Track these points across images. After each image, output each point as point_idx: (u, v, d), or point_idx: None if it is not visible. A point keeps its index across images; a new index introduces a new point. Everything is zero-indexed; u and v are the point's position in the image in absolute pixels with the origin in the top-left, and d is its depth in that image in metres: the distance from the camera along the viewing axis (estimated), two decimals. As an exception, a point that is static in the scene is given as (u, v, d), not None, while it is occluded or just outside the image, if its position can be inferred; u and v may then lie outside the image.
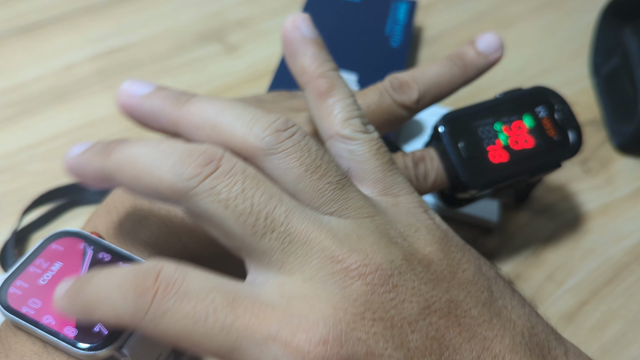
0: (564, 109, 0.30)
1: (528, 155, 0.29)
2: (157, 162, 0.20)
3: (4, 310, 0.23)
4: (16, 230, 0.35)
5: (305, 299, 0.19)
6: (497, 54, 0.31)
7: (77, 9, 0.51)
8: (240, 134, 0.21)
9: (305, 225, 0.20)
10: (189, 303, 0.18)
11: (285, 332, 0.18)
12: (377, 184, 0.23)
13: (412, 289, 0.20)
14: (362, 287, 0.19)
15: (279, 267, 0.19)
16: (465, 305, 0.20)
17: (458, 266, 0.21)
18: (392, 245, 0.20)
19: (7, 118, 0.43)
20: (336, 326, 0.18)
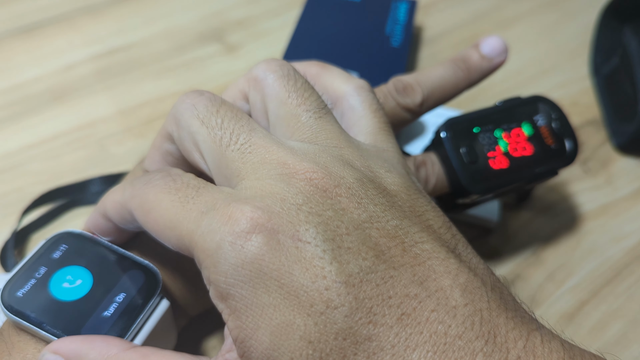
0: (561, 118, 0.31)
1: (527, 162, 0.30)
2: None
3: (7, 311, 0.23)
4: (16, 231, 0.35)
5: (251, 188, 0.20)
6: (501, 58, 0.31)
7: (77, 9, 0.51)
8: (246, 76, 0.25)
9: (266, 141, 0.21)
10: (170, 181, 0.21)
11: (224, 203, 0.19)
12: (370, 136, 0.24)
13: (357, 203, 0.20)
14: (306, 186, 0.20)
15: (237, 174, 0.21)
16: (417, 237, 0.20)
17: (423, 213, 0.21)
18: (349, 168, 0.21)
19: (7, 118, 0.43)
20: (270, 206, 0.19)
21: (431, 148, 0.31)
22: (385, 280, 0.18)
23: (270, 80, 0.24)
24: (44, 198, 0.37)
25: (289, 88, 0.23)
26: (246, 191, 0.20)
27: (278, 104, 0.23)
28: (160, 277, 0.25)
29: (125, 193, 0.23)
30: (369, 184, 0.21)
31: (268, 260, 0.18)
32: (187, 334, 0.31)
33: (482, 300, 0.19)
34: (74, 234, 0.25)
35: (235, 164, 0.21)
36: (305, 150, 0.21)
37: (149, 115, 0.43)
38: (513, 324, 0.19)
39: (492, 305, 0.19)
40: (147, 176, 0.22)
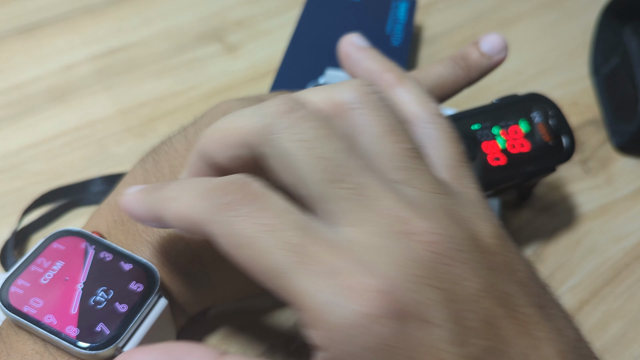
0: (558, 115, 0.31)
1: (525, 159, 0.30)
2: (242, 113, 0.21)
3: (6, 309, 0.23)
4: (16, 230, 0.35)
5: (369, 249, 0.18)
6: (501, 55, 0.31)
7: (77, 9, 0.51)
8: (331, 93, 0.22)
9: (378, 183, 0.19)
10: (264, 214, 0.18)
11: (345, 272, 0.17)
12: (450, 171, 0.22)
13: (474, 270, 0.19)
14: (426, 252, 0.18)
15: (345, 217, 0.19)
16: (519, 301, 0.20)
17: (514, 265, 0.21)
18: (457, 224, 0.20)
19: (7, 118, 0.43)
20: (395, 281, 0.18)
21: None
22: (499, 357, 0.18)
23: (363, 113, 0.21)
24: (44, 198, 0.37)
25: (383, 123, 0.21)
26: (365, 251, 0.18)
27: (373, 138, 0.21)
28: (159, 275, 0.25)
29: (198, 209, 0.19)
30: (476, 243, 0.20)
31: (395, 345, 0.17)
32: (186, 334, 0.31)
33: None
34: (72, 232, 0.25)
35: (343, 205, 0.19)
36: (414, 199, 0.20)
37: (149, 115, 0.43)
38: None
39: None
40: (225, 194, 0.19)
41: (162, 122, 0.43)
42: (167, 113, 0.44)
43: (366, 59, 0.26)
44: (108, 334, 0.22)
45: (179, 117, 0.43)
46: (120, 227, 0.27)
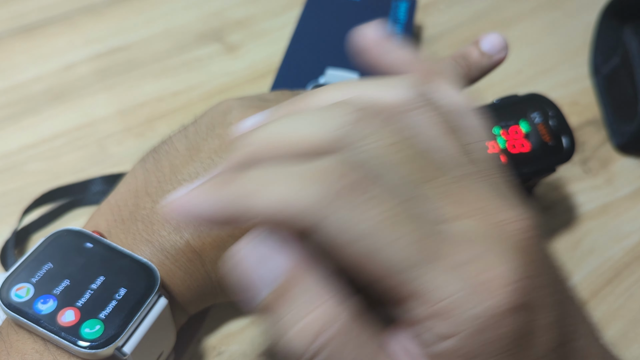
0: (558, 116, 0.31)
1: (525, 159, 0.30)
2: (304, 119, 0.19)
3: (6, 307, 0.23)
4: (16, 230, 0.35)
5: (485, 241, 0.18)
6: (501, 55, 0.31)
7: (77, 9, 0.51)
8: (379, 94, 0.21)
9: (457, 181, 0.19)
10: (386, 203, 0.17)
11: (477, 264, 0.17)
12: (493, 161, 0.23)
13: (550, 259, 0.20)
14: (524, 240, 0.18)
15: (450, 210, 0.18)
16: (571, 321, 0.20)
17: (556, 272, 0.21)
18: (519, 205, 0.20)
19: (7, 118, 0.43)
20: (525, 271, 0.17)
21: None
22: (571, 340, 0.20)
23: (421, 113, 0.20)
24: (44, 198, 0.37)
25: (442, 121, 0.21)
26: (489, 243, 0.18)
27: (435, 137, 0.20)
28: (159, 275, 0.25)
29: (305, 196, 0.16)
30: None
31: (526, 332, 0.18)
32: (186, 333, 0.31)
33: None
34: (72, 231, 0.25)
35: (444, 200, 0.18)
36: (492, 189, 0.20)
37: (149, 115, 0.43)
38: None
39: None
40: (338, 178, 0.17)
41: (162, 122, 0.43)
42: (167, 113, 0.44)
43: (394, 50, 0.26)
44: (108, 333, 0.22)
45: (179, 117, 0.43)
46: (120, 227, 0.27)
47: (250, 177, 0.18)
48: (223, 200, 0.17)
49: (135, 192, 0.28)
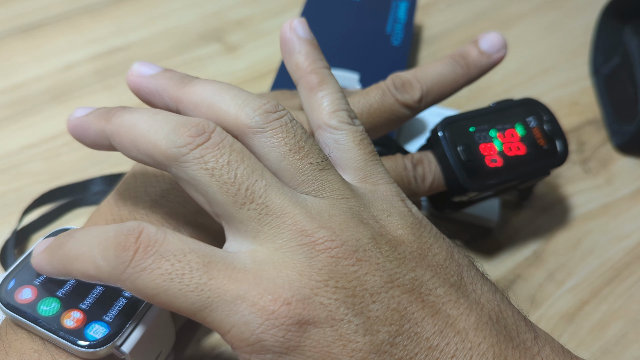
0: (552, 121, 0.32)
1: (521, 162, 0.31)
2: (154, 128, 0.22)
3: (4, 307, 0.23)
4: (16, 230, 0.35)
5: (274, 265, 0.20)
6: (500, 54, 0.31)
7: (77, 9, 0.52)
8: (233, 112, 0.23)
9: (282, 200, 0.21)
10: (167, 261, 0.20)
11: (253, 292, 0.19)
12: (358, 172, 0.24)
13: (376, 265, 0.21)
14: (327, 258, 0.20)
15: (254, 235, 0.21)
16: (431, 284, 0.21)
17: (429, 250, 0.22)
18: (361, 225, 0.22)
19: (7, 118, 0.43)
20: (300, 290, 0.20)
21: (427, 147, 0.31)
22: (411, 338, 0.20)
23: (269, 135, 0.22)
24: (44, 198, 0.37)
25: (288, 141, 0.22)
26: (269, 268, 0.20)
27: (279, 156, 0.22)
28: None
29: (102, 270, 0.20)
30: (380, 239, 0.22)
31: (309, 345, 0.19)
32: (186, 333, 0.31)
33: (492, 335, 0.21)
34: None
35: (252, 225, 0.21)
36: (319, 209, 0.21)
37: (148, 115, 0.43)
38: (519, 353, 0.21)
39: (500, 339, 0.21)
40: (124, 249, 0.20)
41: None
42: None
43: (299, 53, 0.27)
44: (106, 332, 0.22)
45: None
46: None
47: (69, 245, 0.21)
48: (55, 267, 0.22)
49: (134, 192, 0.28)
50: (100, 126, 0.23)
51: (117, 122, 0.23)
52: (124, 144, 0.22)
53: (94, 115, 0.24)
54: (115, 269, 0.20)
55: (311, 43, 0.28)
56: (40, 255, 0.22)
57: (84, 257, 0.21)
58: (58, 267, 0.22)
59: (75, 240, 0.21)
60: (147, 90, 0.25)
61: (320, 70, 0.27)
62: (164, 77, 0.25)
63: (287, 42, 0.27)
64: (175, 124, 0.22)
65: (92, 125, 0.24)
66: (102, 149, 0.24)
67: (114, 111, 0.23)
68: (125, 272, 0.20)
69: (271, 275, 0.20)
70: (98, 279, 0.20)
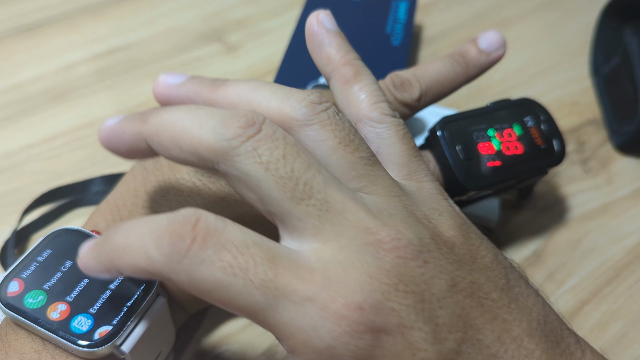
0: (549, 120, 0.32)
1: (519, 161, 0.31)
2: (197, 123, 0.20)
3: (4, 307, 0.23)
4: (16, 230, 0.35)
5: (341, 265, 0.19)
6: (499, 52, 0.31)
7: (77, 9, 0.52)
8: (276, 106, 0.22)
9: (342, 196, 0.20)
10: (229, 253, 0.18)
11: (324, 295, 0.18)
12: (403, 168, 0.23)
13: (440, 267, 0.20)
14: (395, 259, 0.19)
15: (314, 233, 0.19)
16: (486, 288, 0.21)
17: (477, 252, 0.22)
18: (419, 225, 0.21)
19: (7, 118, 0.43)
20: (372, 294, 0.18)
21: (426, 146, 0.31)
22: (475, 346, 0.20)
23: (317, 128, 0.21)
24: (44, 198, 0.37)
25: (337, 134, 0.21)
26: (336, 269, 0.19)
27: (328, 150, 0.21)
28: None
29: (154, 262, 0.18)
30: (438, 240, 0.21)
31: (380, 355, 0.18)
32: (186, 333, 0.31)
33: (542, 341, 0.21)
34: (71, 230, 0.25)
35: (312, 222, 0.19)
36: (377, 206, 0.20)
37: (148, 115, 0.43)
38: (565, 359, 0.21)
39: (549, 345, 0.21)
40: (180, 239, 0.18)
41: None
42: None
43: (329, 46, 0.26)
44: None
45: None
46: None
47: (117, 237, 0.19)
48: (103, 263, 0.19)
49: (134, 192, 0.28)
50: (137, 129, 0.21)
51: (155, 122, 0.21)
52: (165, 144, 0.21)
53: (127, 120, 0.22)
54: (170, 259, 0.18)
55: (340, 35, 0.26)
56: (87, 253, 0.20)
57: (134, 248, 0.18)
58: (105, 263, 0.19)
59: (123, 231, 0.19)
60: (179, 99, 0.24)
61: (354, 62, 0.26)
62: (194, 83, 0.24)
63: (315, 36, 0.26)
64: (222, 116, 0.20)
65: (127, 130, 0.22)
66: (139, 156, 0.22)
67: (150, 112, 0.22)
68: (181, 263, 0.18)
69: (340, 277, 0.18)
70: (150, 272, 0.18)
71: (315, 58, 0.26)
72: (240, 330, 0.32)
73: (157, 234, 0.18)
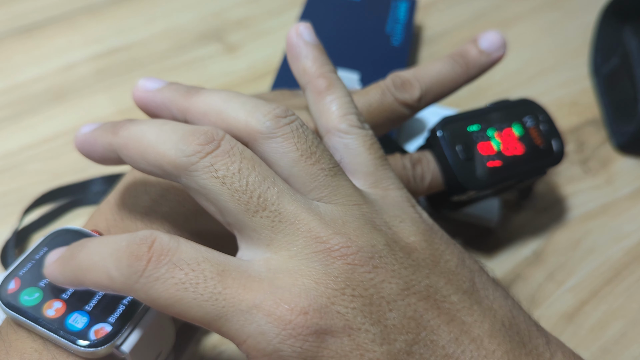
0: (548, 121, 0.33)
1: (518, 161, 0.31)
2: (162, 139, 0.21)
3: (5, 307, 0.23)
4: (17, 230, 0.35)
5: (289, 273, 0.20)
6: (500, 52, 0.31)
7: (77, 9, 0.52)
8: (243, 118, 0.22)
9: (295, 207, 0.21)
10: (181, 270, 0.19)
11: (269, 302, 0.19)
12: (369, 177, 0.24)
13: (392, 272, 0.21)
14: (343, 266, 0.20)
15: (267, 243, 0.21)
16: (445, 291, 0.21)
17: (441, 257, 0.22)
18: (375, 232, 0.21)
19: (7, 118, 0.43)
20: (317, 299, 0.19)
21: (426, 146, 0.31)
22: (428, 346, 0.20)
23: (279, 141, 0.22)
24: (45, 197, 0.37)
25: (299, 147, 0.22)
26: (284, 276, 0.20)
27: (290, 162, 0.22)
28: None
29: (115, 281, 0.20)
30: (394, 246, 0.21)
31: (327, 356, 0.19)
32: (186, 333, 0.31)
33: (505, 342, 0.21)
34: (71, 230, 0.25)
35: (265, 232, 0.21)
36: (332, 216, 0.21)
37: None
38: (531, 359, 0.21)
39: (514, 345, 0.21)
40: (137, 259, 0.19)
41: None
42: (167, 113, 0.44)
43: (306, 58, 0.27)
44: (106, 331, 0.22)
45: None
46: (119, 225, 0.27)
47: (81, 256, 0.21)
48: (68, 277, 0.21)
49: (134, 192, 0.28)
50: (108, 140, 0.23)
51: (125, 135, 0.22)
52: (132, 156, 0.22)
53: (100, 129, 0.23)
54: (128, 279, 0.19)
55: (318, 47, 0.27)
56: (53, 265, 0.22)
57: (96, 267, 0.20)
58: (70, 278, 0.21)
59: (87, 250, 0.21)
60: (154, 104, 0.25)
61: (328, 75, 0.26)
62: (170, 90, 0.25)
63: (293, 47, 0.27)
64: (183, 133, 0.21)
65: (99, 140, 0.23)
66: (111, 163, 0.24)
67: (120, 124, 0.23)
68: (138, 282, 0.19)
69: (287, 284, 0.19)
70: (111, 289, 0.20)
71: (293, 69, 0.28)
72: (240, 330, 0.32)
73: (116, 255, 0.20)
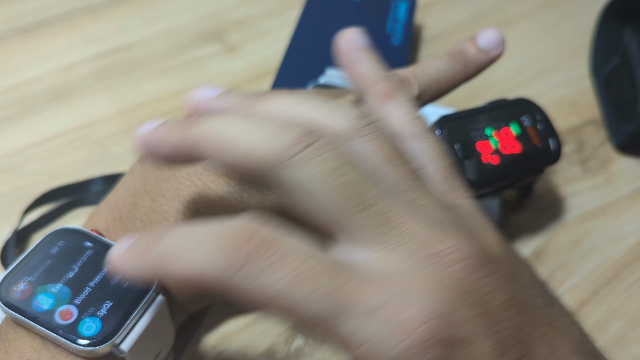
0: (545, 120, 0.33)
1: (516, 160, 0.31)
2: (246, 132, 0.19)
3: (4, 306, 0.23)
4: (17, 230, 0.35)
5: (404, 278, 0.18)
6: (498, 50, 0.31)
7: (77, 9, 0.52)
8: (320, 119, 0.21)
9: (399, 209, 0.20)
10: (293, 262, 0.17)
11: (390, 306, 0.17)
12: (445, 184, 0.23)
13: (495, 282, 0.19)
14: (457, 272, 0.19)
15: (374, 244, 0.19)
16: (532, 305, 0.20)
17: (518, 269, 0.21)
18: (470, 238, 0.20)
19: (7, 118, 0.43)
20: (437, 307, 0.18)
21: None
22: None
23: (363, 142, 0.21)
24: (45, 197, 0.37)
25: (383, 147, 0.21)
26: (400, 281, 0.18)
27: (377, 163, 0.21)
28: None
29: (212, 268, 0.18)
30: (488, 253, 0.20)
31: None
32: (186, 332, 0.31)
33: None
34: (71, 230, 0.25)
35: (372, 232, 0.19)
36: (432, 219, 0.20)
37: (148, 115, 0.43)
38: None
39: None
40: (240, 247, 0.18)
41: (162, 121, 0.43)
42: (167, 113, 0.44)
43: (362, 63, 0.26)
44: (105, 330, 0.22)
45: (179, 117, 0.43)
46: (119, 225, 0.27)
47: (165, 241, 0.19)
48: (146, 268, 0.19)
49: (133, 191, 0.28)
50: (178, 136, 0.21)
51: (199, 130, 0.20)
52: (209, 153, 0.20)
53: (169, 125, 0.21)
54: (226, 270, 0.17)
55: (373, 52, 0.26)
56: (125, 255, 0.19)
57: (184, 256, 0.18)
58: (149, 267, 0.19)
59: (173, 237, 0.19)
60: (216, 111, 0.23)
61: (387, 79, 0.25)
62: (230, 97, 0.23)
63: (348, 52, 0.26)
64: (274, 125, 0.19)
65: (168, 137, 0.21)
66: (178, 162, 0.22)
67: (192, 119, 0.21)
68: (237, 274, 0.17)
69: (404, 289, 0.18)
70: (202, 283, 0.18)
71: (349, 75, 0.26)
72: (240, 330, 0.32)
73: (212, 242, 0.18)
